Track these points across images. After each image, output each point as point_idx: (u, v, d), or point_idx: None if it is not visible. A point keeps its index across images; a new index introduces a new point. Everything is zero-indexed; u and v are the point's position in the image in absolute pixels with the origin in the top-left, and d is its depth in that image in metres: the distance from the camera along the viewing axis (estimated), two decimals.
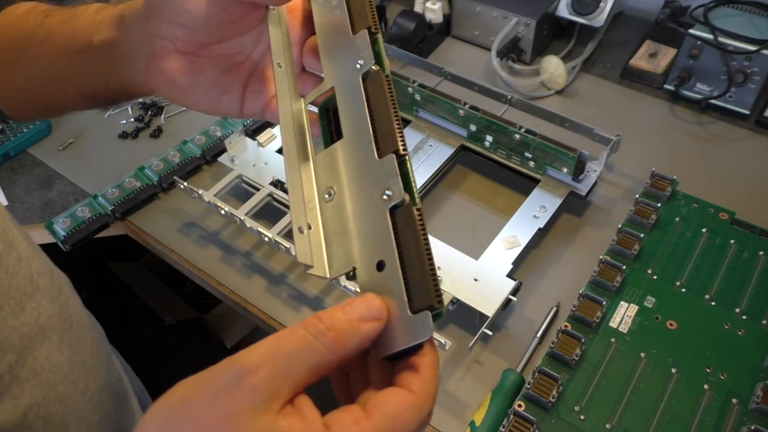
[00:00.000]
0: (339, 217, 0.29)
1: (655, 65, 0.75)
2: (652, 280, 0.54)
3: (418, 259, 0.25)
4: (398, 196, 0.27)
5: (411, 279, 0.25)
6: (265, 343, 0.23)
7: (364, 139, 0.29)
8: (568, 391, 0.48)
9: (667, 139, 0.70)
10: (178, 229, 0.64)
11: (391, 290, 0.25)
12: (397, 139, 0.28)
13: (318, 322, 0.24)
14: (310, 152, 0.32)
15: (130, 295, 1.22)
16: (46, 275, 0.40)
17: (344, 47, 0.32)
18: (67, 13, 0.41)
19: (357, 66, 0.31)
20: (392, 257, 0.26)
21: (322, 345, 0.24)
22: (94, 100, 0.42)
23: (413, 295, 0.25)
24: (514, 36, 0.78)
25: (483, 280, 0.53)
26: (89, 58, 0.39)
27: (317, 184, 0.31)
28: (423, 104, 0.67)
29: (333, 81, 0.33)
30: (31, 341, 0.37)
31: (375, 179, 0.28)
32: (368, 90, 0.30)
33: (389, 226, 0.26)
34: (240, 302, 0.58)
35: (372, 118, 0.29)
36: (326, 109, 0.34)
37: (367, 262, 0.27)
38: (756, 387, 0.47)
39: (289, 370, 0.23)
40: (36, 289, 0.39)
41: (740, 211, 0.58)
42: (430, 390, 0.24)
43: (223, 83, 0.38)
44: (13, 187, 0.70)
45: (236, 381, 0.22)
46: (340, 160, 0.30)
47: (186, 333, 1.19)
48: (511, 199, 0.64)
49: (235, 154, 0.65)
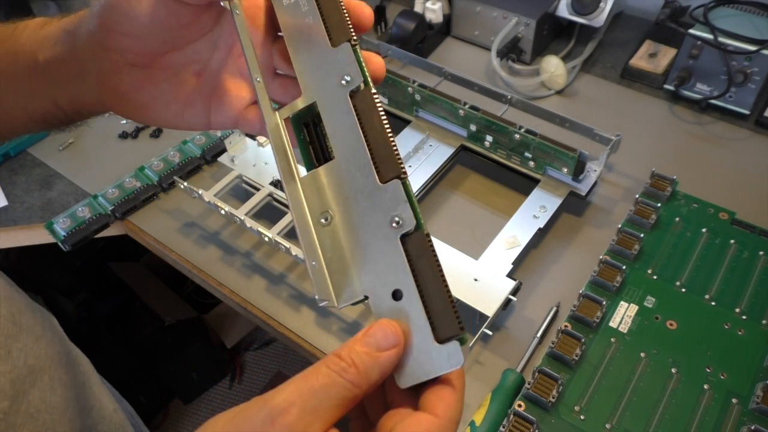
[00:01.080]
0: (337, 243, 0.28)
1: (655, 65, 0.75)
2: (652, 280, 0.54)
3: (437, 287, 0.25)
4: (409, 224, 0.26)
5: (432, 308, 0.25)
6: (292, 383, 0.24)
7: (361, 163, 0.28)
8: (568, 391, 0.48)
9: (667, 139, 0.70)
10: (178, 229, 0.64)
11: (411, 319, 0.26)
12: (398, 164, 0.27)
13: (339, 360, 0.25)
14: (296, 173, 0.31)
15: (130, 295, 1.22)
16: (28, 313, 0.39)
17: (323, 59, 0.31)
18: (5, 32, 0.37)
19: (343, 82, 0.30)
20: (410, 287, 0.26)
21: (346, 381, 0.24)
22: (46, 122, 0.38)
23: (437, 324, 0.25)
24: (514, 36, 0.78)
25: (483, 280, 0.53)
26: (35, 78, 0.36)
27: (308, 207, 0.30)
28: (423, 104, 0.67)
29: (314, 95, 0.31)
30: (22, 384, 0.36)
31: (379, 205, 0.27)
32: (358, 109, 0.29)
33: (403, 255, 0.26)
34: (240, 302, 0.58)
35: (368, 141, 0.28)
36: (304, 124, 0.32)
37: (380, 290, 0.27)
38: (756, 387, 0.47)
39: (319, 406, 0.23)
40: (20, 330, 0.37)
41: (740, 211, 0.58)
42: (452, 414, 0.25)
43: (183, 96, 0.35)
44: (13, 187, 0.70)
45: (270, 421, 0.23)
46: (331, 184, 0.29)
47: (186, 333, 1.19)
48: (511, 199, 0.64)
49: (235, 154, 0.65)
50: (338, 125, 0.30)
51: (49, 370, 0.39)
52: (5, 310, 0.37)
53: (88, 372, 0.46)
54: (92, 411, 0.43)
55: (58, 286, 1.17)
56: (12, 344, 0.36)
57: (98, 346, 1.15)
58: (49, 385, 0.38)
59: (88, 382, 0.44)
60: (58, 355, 0.41)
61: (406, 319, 0.26)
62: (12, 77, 0.36)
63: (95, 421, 0.43)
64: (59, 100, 0.36)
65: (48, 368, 0.39)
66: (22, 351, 0.37)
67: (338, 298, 0.28)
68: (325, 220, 0.29)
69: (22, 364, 0.37)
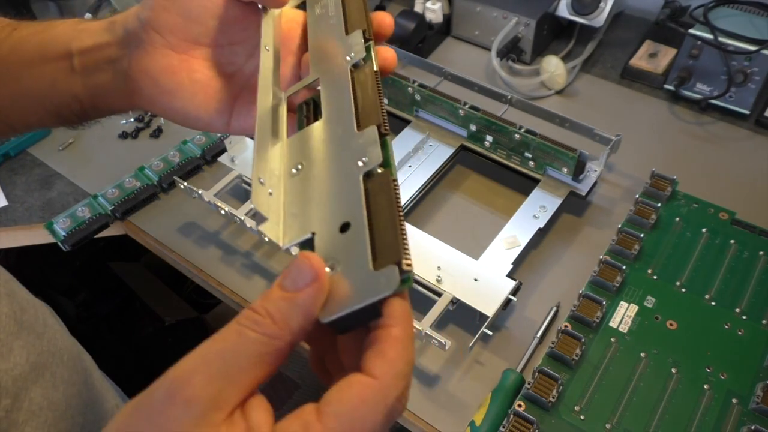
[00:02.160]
0: (302, 191, 0.27)
1: (655, 65, 0.75)
2: (652, 280, 0.54)
3: (390, 220, 0.23)
4: (375, 161, 0.25)
5: (378, 238, 0.22)
6: (197, 349, 0.21)
7: (346, 117, 0.28)
8: (568, 391, 0.48)
9: (667, 139, 0.70)
10: (178, 229, 0.64)
11: (350, 250, 0.23)
12: (381, 116, 0.26)
13: (252, 313, 0.21)
14: (282, 132, 0.31)
15: (130, 295, 1.22)
16: (29, 310, 0.39)
17: (335, 45, 0.32)
18: (39, 26, 0.38)
19: (347, 59, 0.31)
20: (359, 216, 0.23)
21: (261, 335, 0.21)
22: (61, 116, 0.39)
23: (379, 252, 0.22)
24: (514, 36, 0.78)
25: (483, 280, 0.53)
26: (61, 65, 0.37)
27: (286, 161, 0.29)
28: (423, 104, 0.67)
29: (318, 72, 0.32)
30: (24, 382, 0.36)
31: (351, 150, 0.26)
32: (355, 78, 0.30)
33: (360, 188, 0.24)
34: (240, 302, 0.58)
35: (356, 100, 0.28)
36: (306, 104, 0.33)
37: (329, 226, 0.24)
38: (756, 387, 0.47)
39: (228, 370, 0.20)
40: (21, 327, 0.37)
41: (740, 211, 0.58)
42: (396, 371, 0.21)
43: (210, 91, 0.35)
44: (13, 187, 0.70)
45: (169, 397, 0.20)
46: (314, 139, 0.29)
47: (186, 333, 1.19)
48: (511, 199, 0.64)
49: (235, 154, 0.65)
50: (333, 90, 0.30)
51: (50, 367, 0.39)
52: (6, 307, 0.37)
53: (90, 368, 0.46)
54: (94, 407, 0.43)
55: (58, 286, 1.17)
56: (13, 342, 0.36)
57: (98, 346, 1.15)
58: (51, 382, 0.38)
59: (90, 378, 0.44)
60: (60, 351, 0.41)
61: (347, 253, 0.23)
62: (37, 65, 0.37)
63: (97, 416, 0.43)
64: (80, 90, 0.37)
65: (50, 365, 0.39)
66: (23, 349, 0.37)
67: (284, 237, 0.26)
68: (295, 170, 0.28)
69: (24, 362, 0.37)
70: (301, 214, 0.26)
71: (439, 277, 0.53)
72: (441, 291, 0.52)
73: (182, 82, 0.35)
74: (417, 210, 0.64)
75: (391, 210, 0.23)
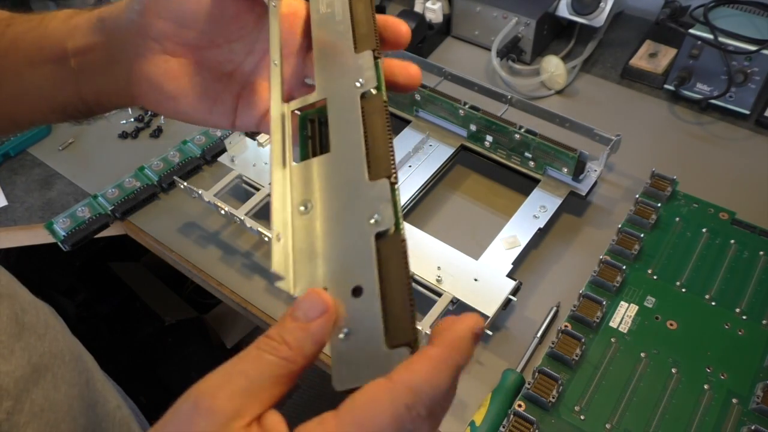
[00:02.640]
0: (310, 233, 0.27)
1: (655, 65, 0.75)
2: (652, 280, 0.54)
3: (400, 292, 0.24)
4: (387, 223, 0.25)
5: (390, 311, 0.24)
6: (221, 368, 0.23)
7: (355, 158, 0.28)
8: (568, 391, 0.48)
9: (667, 139, 0.70)
10: (178, 229, 0.64)
11: (364, 319, 0.24)
12: (392, 166, 0.27)
13: (269, 339, 0.24)
14: (288, 159, 0.31)
15: (130, 295, 1.22)
16: (30, 311, 0.39)
17: (343, 62, 0.31)
18: (33, 21, 0.38)
19: (357, 84, 0.30)
20: (372, 285, 0.24)
21: (278, 358, 0.23)
22: (65, 113, 0.39)
23: (391, 328, 0.24)
24: (514, 36, 0.78)
25: (483, 280, 0.53)
26: (61, 66, 0.36)
27: (292, 194, 0.29)
28: (423, 104, 0.67)
29: (325, 93, 0.31)
30: (26, 383, 0.36)
31: (362, 201, 0.27)
32: (365, 110, 0.29)
33: (373, 252, 0.25)
34: (240, 302, 0.58)
35: (366, 139, 0.28)
36: (310, 120, 0.33)
37: (340, 285, 0.25)
38: (756, 387, 0.47)
39: (250, 386, 0.22)
40: (22, 329, 0.37)
41: (740, 211, 0.58)
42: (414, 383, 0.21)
43: (213, 92, 0.36)
44: (13, 187, 0.70)
45: (194, 407, 0.21)
46: (321, 175, 0.29)
47: (186, 333, 1.19)
48: (511, 199, 0.64)
49: (235, 154, 0.65)
50: (342, 121, 0.30)
51: (52, 368, 0.39)
52: (7, 308, 0.36)
53: (92, 368, 0.46)
54: (96, 407, 0.43)
55: (58, 286, 1.17)
56: (15, 343, 0.36)
57: (98, 346, 1.15)
58: (52, 383, 0.38)
59: (92, 379, 0.44)
60: (62, 352, 0.41)
61: (359, 322, 0.24)
62: (37, 65, 0.37)
63: (99, 417, 0.43)
64: (83, 89, 0.37)
65: (51, 366, 0.39)
66: (25, 350, 0.37)
67: (296, 285, 0.27)
68: (304, 208, 0.28)
69: (26, 363, 0.37)
70: (311, 263, 0.27)
71: (439, 277, 0.53)
72: (441, 291, 0.52)
73: (185, 86, 0.35)
74: (417, 210, 0.64)
75: (402, 279, 0.24)
